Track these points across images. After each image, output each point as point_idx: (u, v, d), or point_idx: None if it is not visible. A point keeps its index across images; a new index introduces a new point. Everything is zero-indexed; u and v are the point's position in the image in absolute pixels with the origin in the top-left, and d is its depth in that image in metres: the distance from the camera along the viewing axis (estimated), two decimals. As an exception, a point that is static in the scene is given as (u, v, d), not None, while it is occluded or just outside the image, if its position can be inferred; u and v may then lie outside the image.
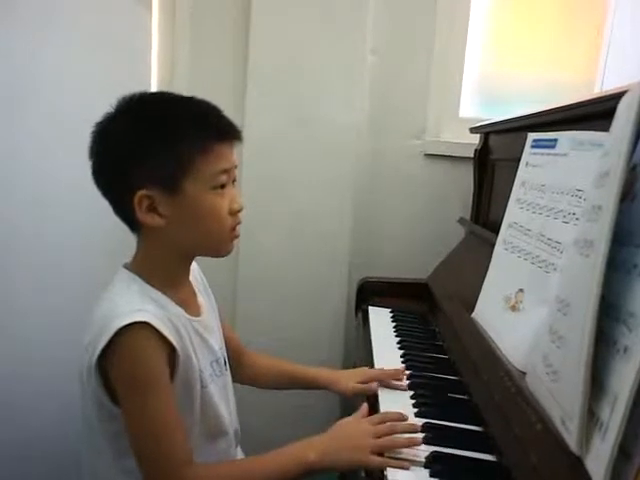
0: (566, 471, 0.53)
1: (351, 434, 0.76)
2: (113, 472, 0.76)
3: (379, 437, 0.74)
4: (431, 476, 0.69)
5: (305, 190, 1.57)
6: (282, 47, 1.52)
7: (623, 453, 0.44)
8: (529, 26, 1.66)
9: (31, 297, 1.08)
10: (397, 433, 0.75)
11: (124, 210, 0.76)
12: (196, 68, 1.56)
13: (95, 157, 0.76)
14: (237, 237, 0.81)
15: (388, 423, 0.77)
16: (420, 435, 0.76)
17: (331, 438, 0.76)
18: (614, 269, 0.49)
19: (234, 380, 0.95)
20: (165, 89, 1.46)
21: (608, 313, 0.49)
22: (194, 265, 0.91)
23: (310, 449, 0.74)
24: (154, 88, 1.49)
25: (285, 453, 0.74)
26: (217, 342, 0.85)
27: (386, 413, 0.81)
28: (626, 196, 0.51)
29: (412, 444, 0.74)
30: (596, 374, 0.48)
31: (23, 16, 1.02)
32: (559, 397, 0.56)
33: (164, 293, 0.77)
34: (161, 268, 0.78)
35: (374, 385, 0.93)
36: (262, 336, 1.49)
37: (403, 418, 0.79)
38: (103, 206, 0.78)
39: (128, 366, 0.70)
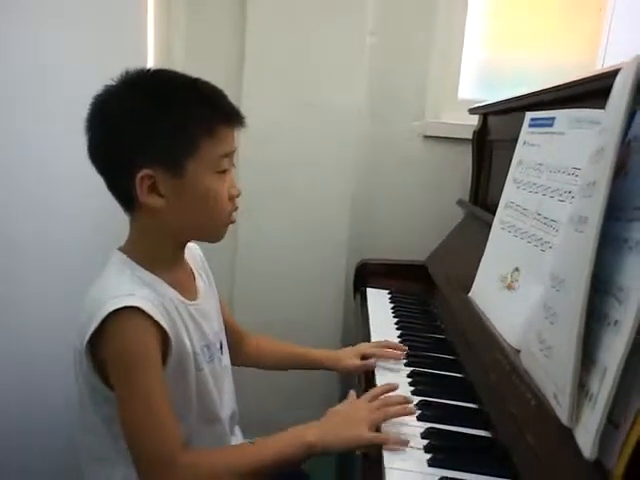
0: (559, 445, 0.54)
1: (346, 412, 0.78)
2: (110, 454, 0.76)
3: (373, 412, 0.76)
4: (427, 452, 0.70)
5: (304, 174, 1.57)
6: (280, 29, 1.51)
7: (612, 423, 0.45)
8: (529, 7, 1.64)
9: (33, 292, 1.07)
10: (390, 405, 0.77)
11: (121, 188, 0.75)
12: (192, 49, 1.56)
13: (95, 133, 0.74)
14: (233, 222, 0.81)
15: (381, 397, 0.79)
16: (414, 408, 0.78)
17: (327, 419, 0.77)
18: (606, 244, 0.49)
19: (235, 363, 0.95)
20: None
21: (599, 288, 0.49)
22: (196, 248, 0.91)
23: (307, 431, 0.74)
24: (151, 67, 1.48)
25: (283, 437, 0.74)
26: (211, 327, 0.84)
27: (375, 388, 0.82)
28: (619, 172, 0.51)
29: (405, 413, 0.76)
30: (587, 348, 0.49)
31: (26, 6, 1.01)
32: (552, 372, 0.57)
33: (158, 275, 0.76)
34: (155, 250, 0.78)
35: (372, 361, 0.96)
36: (261, 320, 1.49)
37: (392, 388, 0.81)
38: (106, 199, 0.77)
39: (118, 350, 0.69)
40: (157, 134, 0.72)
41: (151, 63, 1.44)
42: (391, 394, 0.81)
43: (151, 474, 0.70)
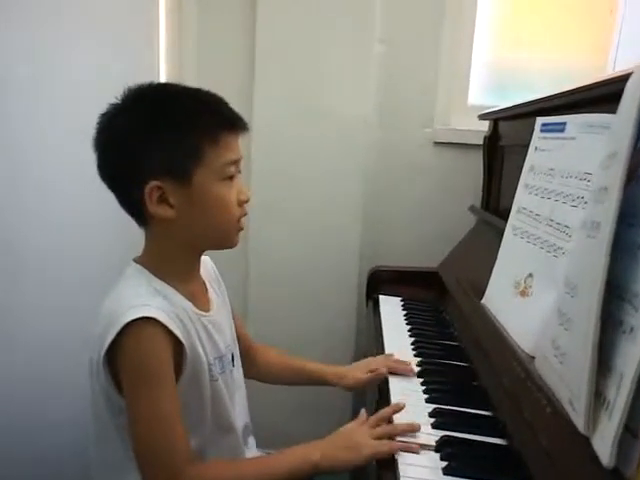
0: (575, 453, 0.53)
1: (350, 435, 0.78)
2: (124, 464, 0.76)
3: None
4: (442, 460, 0.70)
5: (315, 182, 1.57)
6: (289, 37, 1.52)
7: (630, 432, 0.44)
8: (539, 11, 1.64)
9: (32, 303, 1.07)
10: (395, 434, 0.76)
11: (132, 202, 0.76)
12: (204, 61, 1.57)
13: (101, 150, 0.76)
14: (242, 229, 0.82)
15: (385, 426, 0.78)
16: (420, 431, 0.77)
17: (332, 440, 0.78)
18: (620, 250, 0.49)
19: (245, 376, 0.95)
20: (173, 81, 1.47)
21: (614, 294, 0.49)
22: (209, 261, 0.92)
23: (314, 450, 0.75)
24: (162, 80, 1.49)
25: (291, 454, 0.75)
26: (224, 339, 0.84)
27: (382, 411, 0.81)
28: (632, 177, 0.50)
29: (410, 430, 0.75)
30: (603, 355, 0.49)
31: (26, 7, 1.02)
32: (567, 379, 0.56)
33: (173, 286, 0.77)
34: (170, 261, 0.79)
35: (383, 370, 0.94)
36: (273, 329, 1.50)
37: (398, 409, 0.80)
38: (108, 209, 0.78)
39: (133, 361, 0.70)
40: (162, 145, 0.73)
41: (162, 74, 1.46)
42: (398, 422, 0.79)
43: None
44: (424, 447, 0.73)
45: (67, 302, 1.11)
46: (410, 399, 0.85)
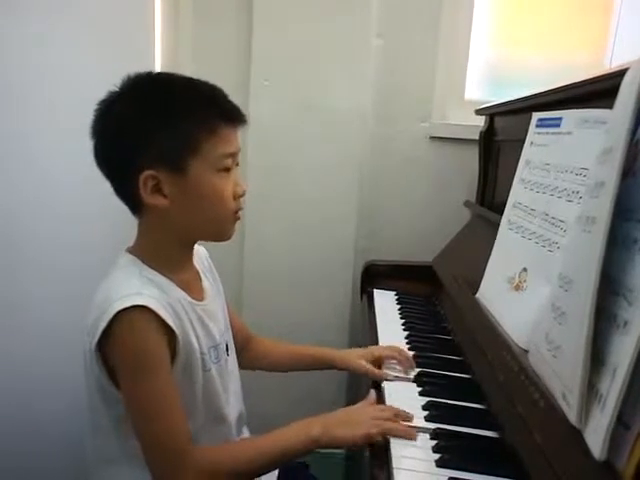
0: (568, 446, 0.54)
1: (353, 413, 0.78)
2: (119, 455, 0.76)
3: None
4: (435, 452, 0.70)
5: (310, 176, 1.57)
6: (286, 32, 1.52)
7: (622, 424, 0.45)
8: (536, 6, 1.64)
9: (34, 295, 1.07)
10: (397, 417, 0.76)
11: (127, 191, 0.76)
12: (200, 53, 1.56)
13: (98, 137, 0.76)
14: (239, 219, 0.81)
15: (389, 413, 0.78)
16: (415, 433, 0.76)
17: (334, 415, 0.78)
18: (615, 244, 0.49)
19: (244, 366, 0.95)
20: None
21: (609, 288, 0.49)
22: (203, 250, 0.91)
23: (314, 424, 0.75)
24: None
25: (289, 431, 0.76)
26: (219, 328, 0.84)
27: (391, 407, 0.81)
28: (628, 172, 0.51)
29: (409, 435, 0.74)
30: (596, 348, 0.49)
31: (26, 7, 1.01)
32: (560, 372, 0.56)
33: (166, 276, 0.77)
34: (163, 251, 0.78)
35: (383, 373, 0.94)
36: (268, 322, 1.50)
37: (408, 418, 0.79)
38: (109, 201, 0.78)
39: (127, 349, 0.70)
40: (158, 135, 0.73)
41: (158, 67, 1.44)
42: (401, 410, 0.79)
43: (162, 470, 0.71)
44: (420, 430, 0.74)
45: (67, 292, 1.10)
46: (404, 392, 0.86)
